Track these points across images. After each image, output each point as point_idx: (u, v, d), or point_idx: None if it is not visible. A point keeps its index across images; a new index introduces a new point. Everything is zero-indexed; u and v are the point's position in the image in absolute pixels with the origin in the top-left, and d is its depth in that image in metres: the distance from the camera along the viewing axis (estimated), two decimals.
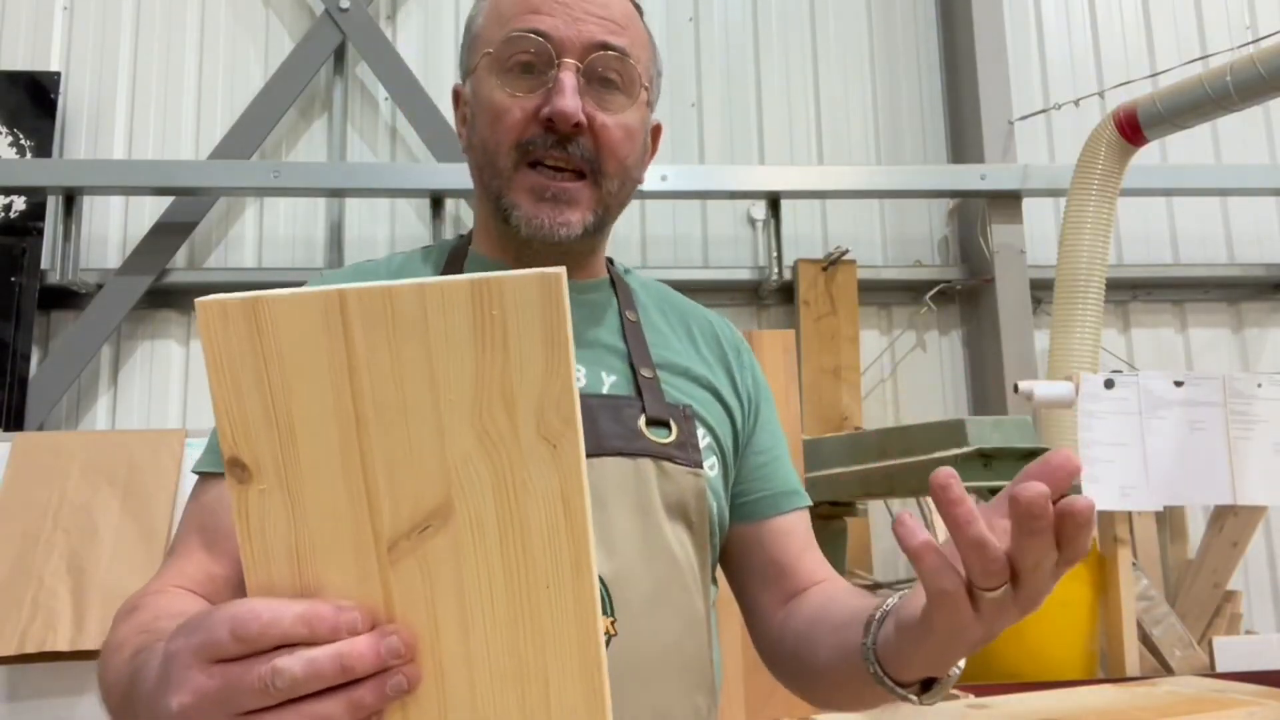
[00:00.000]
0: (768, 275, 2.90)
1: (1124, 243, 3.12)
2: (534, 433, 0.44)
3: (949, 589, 0.56)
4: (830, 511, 2.03)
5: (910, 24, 3.22)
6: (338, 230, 2.91)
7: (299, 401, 0.43)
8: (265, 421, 0.44)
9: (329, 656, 0.42)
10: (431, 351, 0.43)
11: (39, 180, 2.67)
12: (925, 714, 1.52)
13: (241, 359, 0.44)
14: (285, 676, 0.42)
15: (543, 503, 0.44)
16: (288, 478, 0.44)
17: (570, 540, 0.45)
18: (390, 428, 0.43)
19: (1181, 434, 2.01)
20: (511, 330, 0.42)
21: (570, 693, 0.46)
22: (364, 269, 0.92)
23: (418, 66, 2.96)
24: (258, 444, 0.44)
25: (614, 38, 0.82)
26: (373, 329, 0.42)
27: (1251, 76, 2.33)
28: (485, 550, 0.45)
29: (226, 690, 0.43)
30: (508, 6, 0.84)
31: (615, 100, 0.83)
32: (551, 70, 0.81)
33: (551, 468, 0.44)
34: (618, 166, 0.84)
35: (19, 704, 1.98)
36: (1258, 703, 1.45)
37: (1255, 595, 2.93)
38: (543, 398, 0.43)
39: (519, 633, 0.45)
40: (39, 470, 2.06)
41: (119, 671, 0.62)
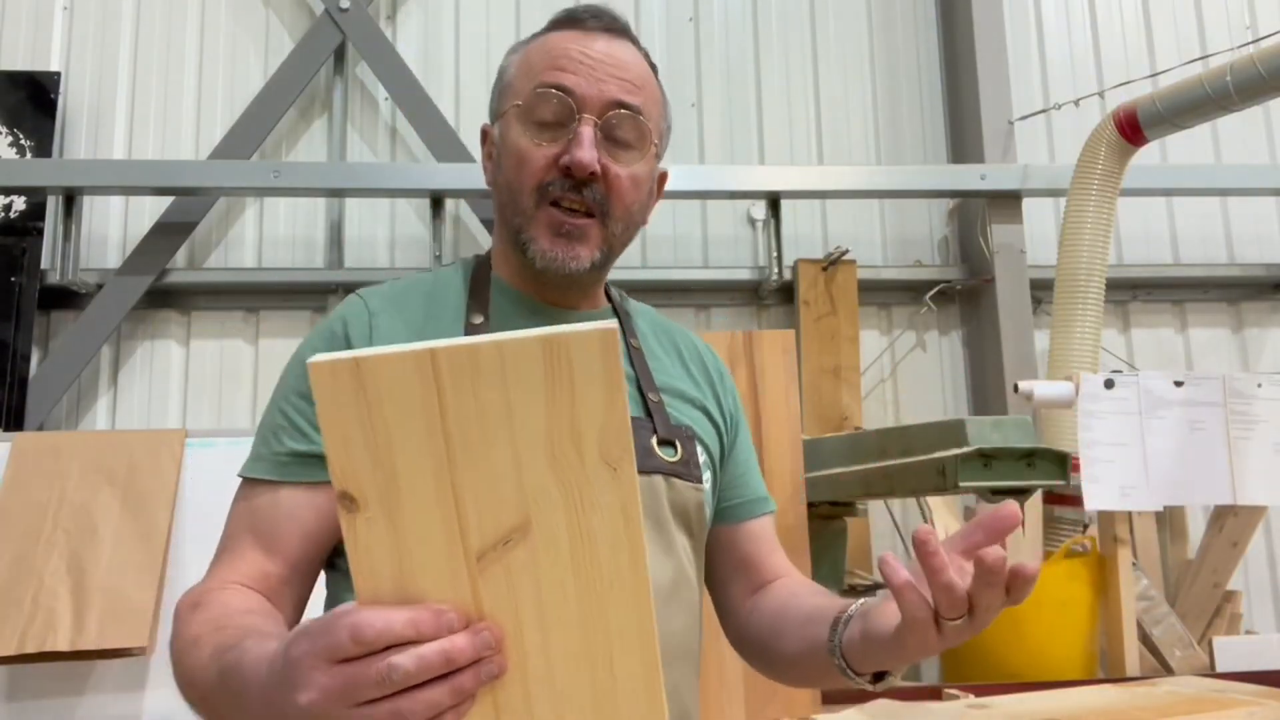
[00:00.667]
0: (768, 275, 2.90)
1: (1124, 243, 3.12)
2: (597, 459, 0.52)
3: (922, 618, 0.70)
4: (830, 511, 2.03)
5: (910, 24, 3.22)
6: (338, 230, 2.91)
7: (398, 442, 0.51)
8: (369, 460, 0.51)
9: (435, 652, 0.51)
10: (510, 396, 0.51)
11: (39, 180, 2.67)
12: (927, 714, 1.52)
13: (348, 409, 0.50)
14: (400, 671, 0.51)
15: (606, 516, 0.53)
16: (389, 506, 0.51)
17: (629, 546, 0.53)
18: (475, 460, 0.51)
19: (1181, 434, 2.01)
20: (577, 376, 0.51)
21: (632, 670, 0.55)
22: (399, 287, 0.99)
23: (418, 66, 2.96)
24: (363, 480, 0.51)
25: (630, 97, 0.92)
26: (459, 380, 0.50)
27: (1251, 76, 2.33)
28: (558, 557, 0.53)
29: (349, 686, 0.52)
30: (538, 61, 0.93)
31: (627, 154, 0.93)
32: (572, 123, 0.90)
33: (613, 487, 0.53)
34: (624, 211, 0.94)
35: (19, 704, 1.98)
36: (1258, 703, 1.45)
37: (1255, 595, 2.93)
38: (604, 430, 0.52)
39: (588, 624, 0.54)
40: (39, 470, 2.06)
41: (202, 668, 0.72)
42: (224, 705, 0.69)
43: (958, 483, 1.54)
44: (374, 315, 0.93)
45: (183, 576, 2.04)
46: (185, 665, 0.75)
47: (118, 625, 1.92)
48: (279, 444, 0.89)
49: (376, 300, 0.95)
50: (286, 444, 0.89)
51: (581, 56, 0.92)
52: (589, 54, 0.92)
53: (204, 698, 0.72)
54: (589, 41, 0.93)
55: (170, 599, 2.02)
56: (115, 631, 1.92)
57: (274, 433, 0.90)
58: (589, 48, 0.92)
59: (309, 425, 0.88)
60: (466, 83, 3.03)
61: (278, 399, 0.93)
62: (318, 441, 0.87)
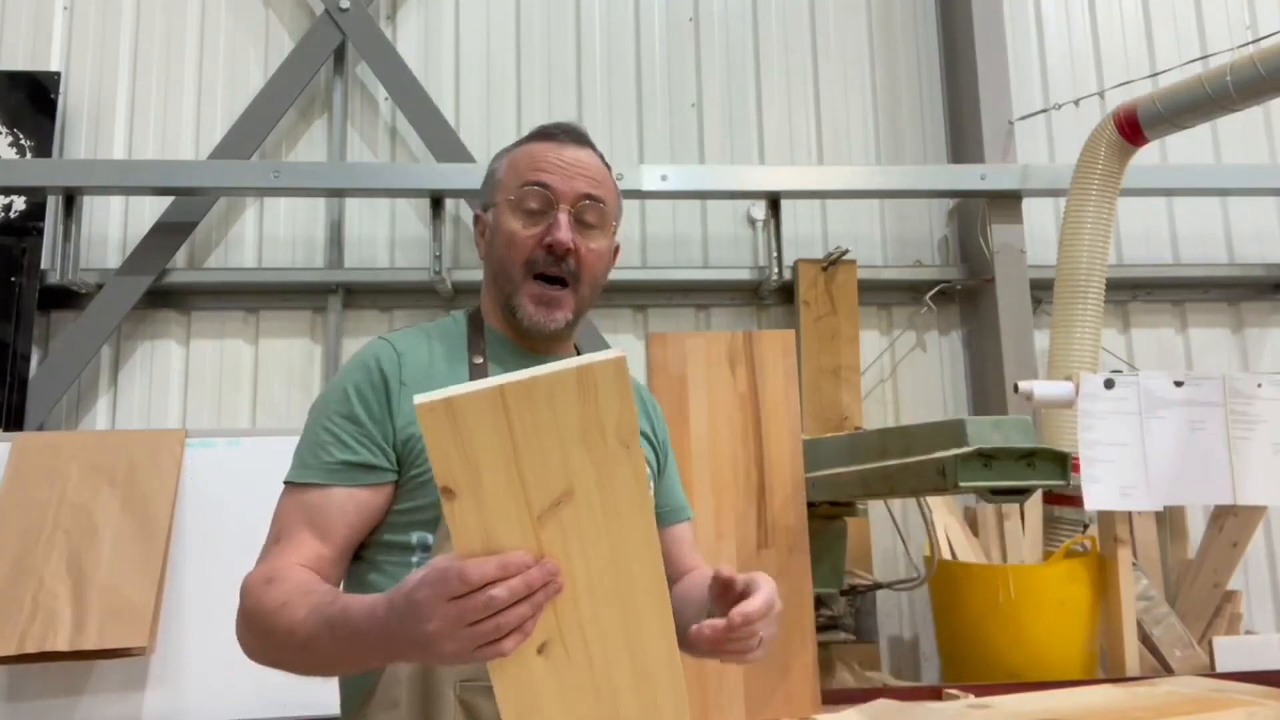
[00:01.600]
0: (768, 275, 2.90)
1: (1124, 243, 3.12)
2: (615, 441, 0.76)
3: (708, 655, 1.00)
4: (830, 511, 2.02)
5: (910, 24, 3.22)
6: (338, 230, 2.91)
7: (479, 449, 0.74)
8: (461, 464, 0.74)
9: (518, 581, 0.76)
10: (555, 408, 0.74)
11: (39, 180, 2.67)
12: (927, 714, 1.52)
13: (444, 432, 0.73)
14: (497, 599, 0.75)
15: (623, 479, 0.77)
16: (476, 492, 0.75)
17: (640, 497, 0.78)
18: (532, 452, 0.75)
19: (1181, 434, 2.01)
20: (600, 389, 0.74)
21: (643, 569, 0.80)
22: (411, 333, 1.23)
23: (418, 66, 2.96)
24: (458, 478, 0.74)
25: (595, 190, 1.20)
26: (520, 404, 0.73)
27: (1251, 76, 2.33)
28: (593, 514, 0.78)
29: (462, 613, 0.76)
30: (522, 165, 1.21)
31: (593, 233, 1.20)
32: (551, 211, 1.17)
33: (626, 459, 0.77)
34: (591, 279, 1.21)
35: (19, 704, 1.98)
36: (1258, 703, 1.45)
37: (1255, 595, 2.93)
38: (619, 422, 0.76)
39: (617, 565, 0.80)
40: (39, 470, 2.06)
41: (300, 622, 0.94)
42: (328, 648, 0.91)
43: (958, 483, 1.53)
44: (401, 354, 1.17)
45: (183, 576, 2.05)
46: (278, 622, 0.96)
47: (118, 625, 1.92)
48: (328, 455, 1.10)
49: (401, 343, 1.19)
50: (336, 455, 1.10)
51: (557, 160, 1.19)
52: (561, 159, 1.19)
53: (304, 645, 0.93)
54: (561, 150, 1.20)
55: (170, 599, 2.02)
56: (115, 631, 1.92)
57: (321, 447, 1.11)
58: (561, 155, 1.20)
59: (353, 440, 1.11)
60: (466, 83, 3.03)
61: (320, 419, 1.13)
62: (360, 451, 1.10)
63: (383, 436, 1.11)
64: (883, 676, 2.45)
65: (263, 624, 0.99)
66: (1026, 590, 2.08)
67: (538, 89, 3.05)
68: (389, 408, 1.12)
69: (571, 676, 0.81)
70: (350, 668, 0.97)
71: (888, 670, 2.75)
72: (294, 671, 0.99)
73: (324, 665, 0.96)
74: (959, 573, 2.20)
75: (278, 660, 1.00)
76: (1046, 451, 1.57)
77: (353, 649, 0.90)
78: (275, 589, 1.00)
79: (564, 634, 0.80)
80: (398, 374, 1.14)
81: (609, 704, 0.83)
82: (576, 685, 0.82)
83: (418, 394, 0.74)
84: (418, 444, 1.10)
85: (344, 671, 0.98)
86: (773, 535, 1.84)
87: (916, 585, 2.17)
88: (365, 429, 1.11)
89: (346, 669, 0.98)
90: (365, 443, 1.10)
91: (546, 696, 0.81)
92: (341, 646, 0.90)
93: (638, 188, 2.78)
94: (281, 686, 0.87)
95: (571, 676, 0.81)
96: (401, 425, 1.12)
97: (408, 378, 1.14)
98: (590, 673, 0.82)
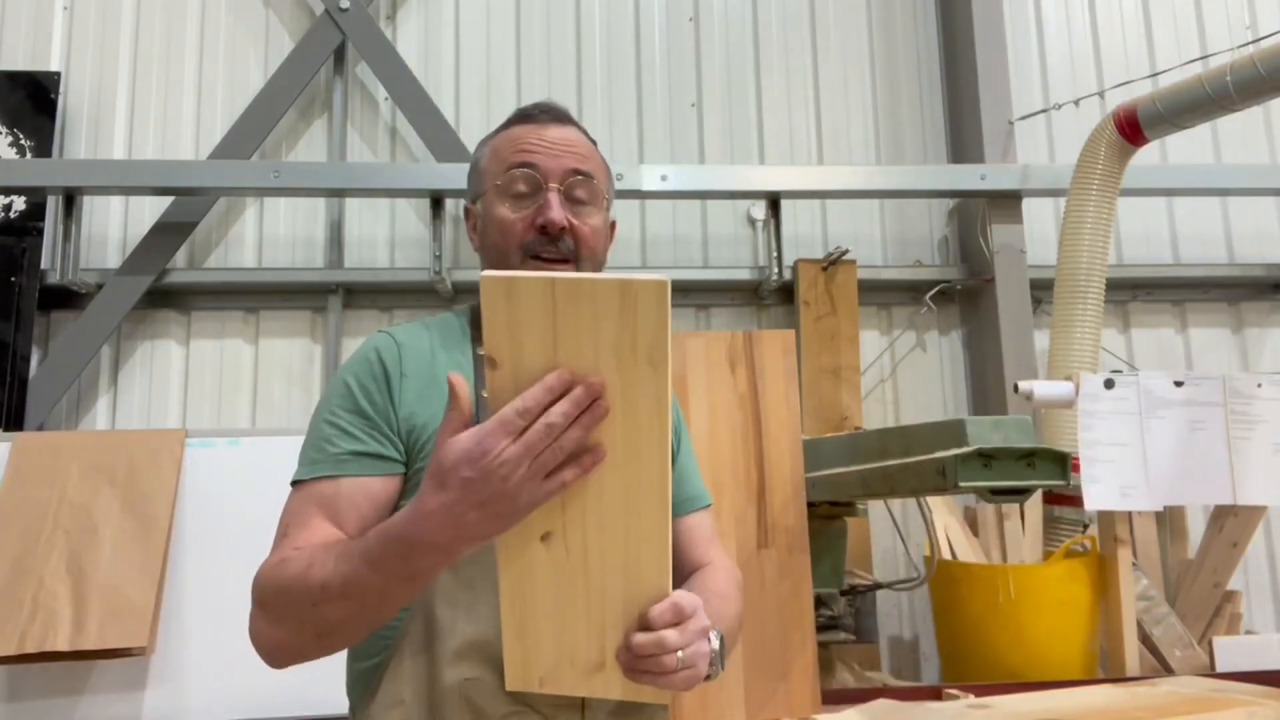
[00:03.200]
0: (768, 275, 2.90)
1: (1124, 243, 3.12)
2: (645, 360, 0.78)
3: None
4: (830, 511, 2.02)
5: (910, 24, 3.22)
6: (338, 230, 2.91)
7: (525, 330, 0.78)
8: (508, 339, 0.78)
9: (568, 402, 0.78)
10: (596, 313, 0.77)
11: (39, 180, 2.67)
12: (927, 714, 1.52)
13: (499, 306, 0.77)
14: (554, 423, 0.77)
15: (646, 398, 0.80)
16: (515, 367, 0.79)
17: (658, 418, 0.80)
18: (570, 347, 0.78)
19: (1181, 434, 2.01)
20: (640, 308, 0.77)
21: (650, 494, 0.83)
22: (412, 328, 1.21)
23: (418, 66, 2.96)
24: (502, 350, 0.78)
25: (583, 165, 1.16)
26: (567, 298, 0.76)
27: (1251, 76, 2.33)
28: (613, 417, 0.80)
29: (529, 444, 0.78)
30: (504, 150, 1.18)
31: (586, 209, 1.16)
32: (541, 192, 1.14)
33: (652, 380, 0.79)
34: (590, 256, 1.17)
35: (19, 704, 1.98)
36: (1258, 703, 1.45)
37: (1255, 595, 2.93)
38: (652, 344, 0.78)
39: (627, 484, 0.83)
40: (39, 470, 2.06)
41: (332, 573, 0.91)
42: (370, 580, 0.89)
43: (958, 483, 1.53)
44: (401, 346, 1.15)
45: (183, 576, 2.05)
46: (307, 586, 0.93)
47: (118, 625, 1.92)
48: (335, 447, 1.08)
49: (401, 335, 1.18)
50: (343, 446, 1.08)
51: (540, 141, 1.16)
52: (545, 138, 1.17)
53: (344, 592, 0.90)
54: (543, 130, 1.18)
55: (170, 599, 2.02)
56: (115, 631, 1.92)
57: (327, 440, 1.09)
58: (544, 134, 1.17)
59: (359, 431, 1.09)
60: (466, 83, 3.03)
61: (324, 416, 1.11)
62: (368, 442, 1.08)
63: (388, 426, 1.09)
64: (883, 676, 2.45)
65: (287, 601, 0.96)
66: (1026, 590, 2.08)
67: (538, 89, 3.05)
68: (391, 398, 1.10)
69: (566, 573, 0.86)
70: (401, 594, 0.91)
71: (888, 670, 2.75)
72: (331, 645, 0.96)
73: (371, 607, 0.92)
74: (959, 573, 2.20)
75: (311, 638, 0.96)
76: (1046, 451, 1.57)
77: (401, 563, 0.87)
78: (293, 563, 0.97)
79: (567, 530, 0.85)
80: (398, 365, 1.13)
81: (595, 610, 0.88)
82: (568, 583, 0.87)
83: (486, 271, 0.77)
84: (422, 434, 1.09)
85: (393, 606, 0.93)
86: (773, 535, 1.84)
87: (916, 585, 2.17)
88: (370, 420, 1.09)
89: (397, 598, 0.92)
90: (372, 433, 1.08)
91: (539, 584, 0.87)
92: (389, 568, 0.88)
93: (638, 188, 2.78)
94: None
95: (566, 573, 0.86)
96: (405, 415, 1.10)
97: (409, 369, 1.13)
98: (584, 577, 0.86)
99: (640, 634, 0.87)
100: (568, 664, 0.91)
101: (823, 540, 1.99)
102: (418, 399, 1.11)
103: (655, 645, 0.87)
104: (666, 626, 0.87)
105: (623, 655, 0.89)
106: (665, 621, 0.87)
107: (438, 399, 1.11)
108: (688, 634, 0.88)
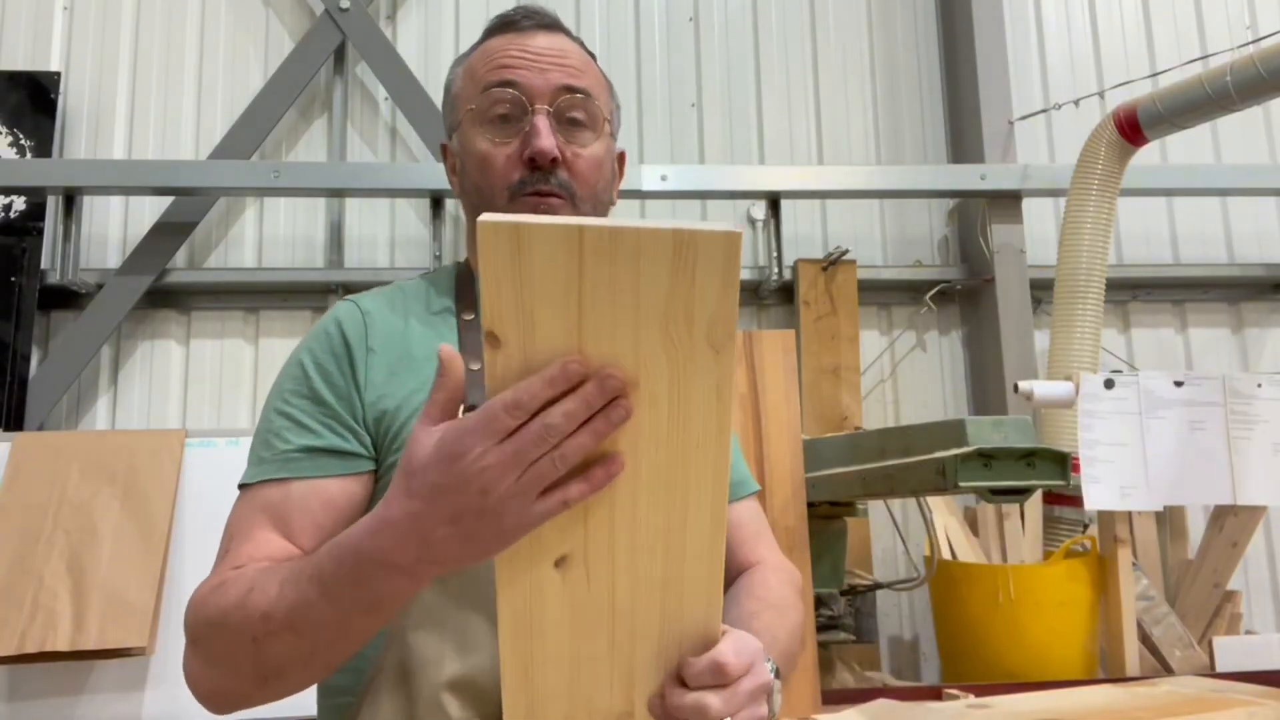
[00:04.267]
0: (768, 275, 2.90)
1: (1124, 243, 3.12)
2: (704, 340, 0.59)
3: None
4: (830, 511, 2.02)
5: (910, 24, 3.22)
6: (338, 230, 2.91)
7: (540, 298, 0.58)
8: (515, 310, 0.58)
9: (575, 400, 0.58)
10: (639, 275, 0.57)
11: (39, 180, 2.67)
12: (927, 714, 1.52)
13: (504, 263, 0.57)
14: (553, 425, 0.58)
15: (702, 389, 0.61)
16: (525, 348, 0.59)
17: (717, 418, 0.61)
18: (601, 323, 0.59)
19: (1181, 434, 2.01)
20: (699, 269, 0.57)
21: (701, 523, 0.64)
22: (387, 291, 1.03)
23: (418, 66, 2.96)
24: (507, 324, 0.59)
25: (576, 81, 0.95)
26: (599, 255, 0.56)
27: (1251, 76, 2.33)
28: (657, 415, 0.61)
29: (519, 451, 0.59)
30: (480, 66, 0.98)
31: (583, 135, 0.96)
32: (526, 116, 0.93)
33: (713, 367, 0.60)
34: (590, 192, 0.96)
35: (19, 704, 1.98)
36: (1258, 703, 1.45)
37: (1255, 595, 2.93)
38: (714, 317, 0.58)
39: (671, 496, 0.64)
40: (39, 470, 2.06)
41: (275, 600, 0.73)
42: (322, 609, 0.71)
43: (958, 483, 1.53)
44: (367, 314, 0.96)
45: (183, 576, 2.04)
46: (245, 617, 0.75)
47: (118, 625, 1.92)
48: (284, 443, 0.89)
49: (367, 301, 0.99)
50: (293, 441, 0.89)
51: (522, 53, 0.96)
52: (529, 50, 0.96)
53: (289, 623, 0.72)
54: (527, 39, 0.97)
55: (170, 599, 2.02)
56: (115, 631, 1.92)
57: (276, 434, 0.91)
58: (528, 45, 0.96)
59: (314, 421, 0.90)
60: None
61: (274, 404, 0.93)
62: (324, 435, 0.89)
63: (350, 415, 0.90)
64: (883, 676, 2.45)
65: (222, 636, 0.77)
66: (1026, 590, 2.08)
67: None
68: (355, 379, 0.91)
69: (587, 605, 0.67)
70: (361, 626, 0.72)
71: (888, 670, 2.75)
72: (279, 689, 0.77)
73: (325, 643, 0.73)
74: (959, 573, 2.20)
75: (252, 682, 0.76)
76: (1046, 451, 1.57)
77: (357, 588, 0.68)
78: (230, 588, 0.78)
79: (589, 552, 0.65)
80: (363, 338, 0.93)
81: (622, 651, 0.68)
82: (590, 618, 0.67)
83: (485, 215, 0.56)
84: (394, 421, 0.90)
85: (352, 641, 0.73)
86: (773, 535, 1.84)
87: (916, 585, 2.17)
88: (328, 407, 0.90)
89: (357, 632, 0.73)
90: (330, 423, 0.89)
91: (551, 618, 0.67)
92: (343, 594, 0.69)
93: (638, 188, 2.78)
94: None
95: (587, 605, 0.67)
96: (372, 400, 0.90)
97: (376, 341, 0.93)
98: (610, 611, 0.67)
99: (679, 691, 0.68)
100: (583, 713, 0.71)
101: (823, 540, 1.98)
102: (388, 378, 0.92)
103: (693, 710, 0.67)
104: (705, 689, 0.67)
105: (656, 708, 0.69)
106: (703, 684, 0.67)
107: (414, 377, 0.92)
108: (737, 698, 0.68)
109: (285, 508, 0.87)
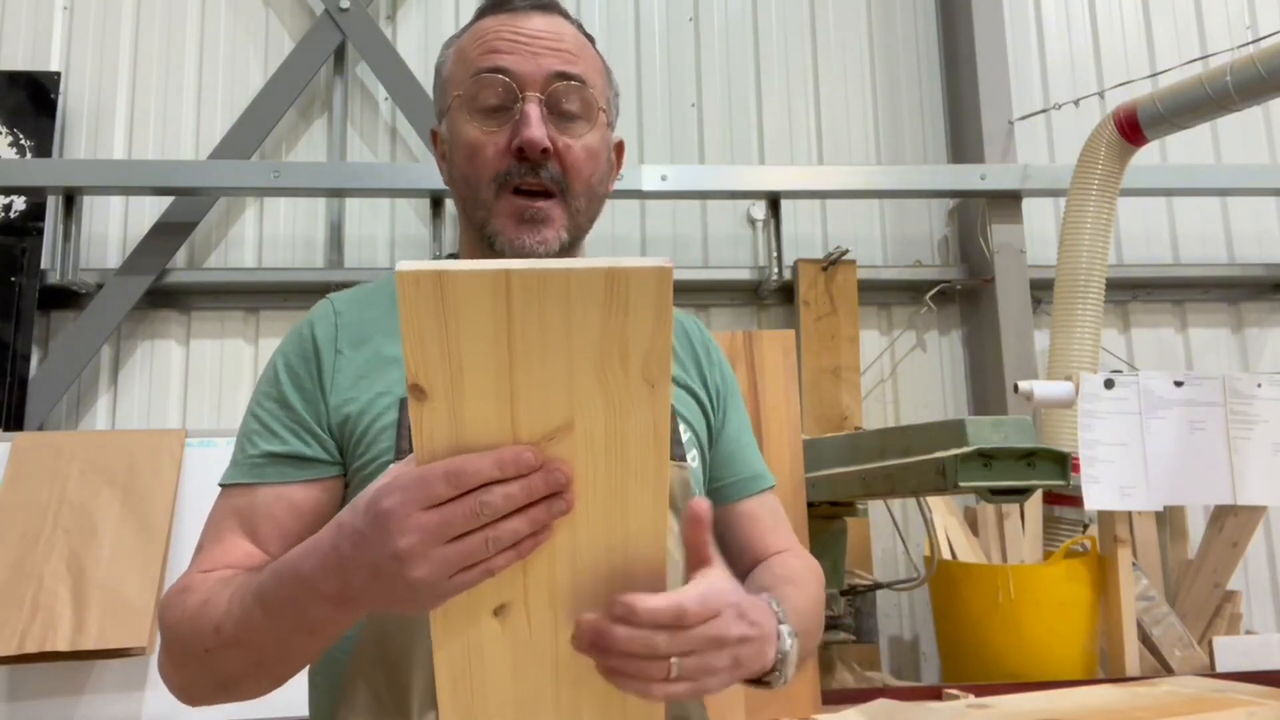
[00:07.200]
0: (768, 275, 2.90)
1: (1124, 243, 3.12)
2: (639, 376, 0.58)
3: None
4: (830, 511, 2.02)
5: (910, 24, 3.22)
6: (338, 230, 2.91)
7: (466, 346, 0.56)
8: (440, 359, 0.57)
9: (518, 487, 0.58)
10: (570, 316, 0.56)
11: (39, 180, 2.67)
12: (927, 714, 1.52)
13: (426, 313, 0.55)
14: (490, 505, 0.57)
15: (639, 425, 0.60)
16: (453, 399, 0.58)
17: (655, 452, 0.61)
18: (533, 367, 0.58)
19: (1181, 434, 2.01)
20: (632, 304, 0.56)
21: (643, 554, 0.64)
22: (367, 289, 1.00)
23: (418, 66, 2.95)
24: (433, 375, 0.57)
25: (570, 67, 0.91)
26: (528, 298, 0.55)
27: (1251, 76, 2.33)
28: (594, 454, 0.60)
29: (445, 523, 0.57)
30: (470, 50, 0.93)
31: (577, 125, 0.91)
32: (517, 104, 0.89)
33: (649, 402, 0.59)
34: (583, 185, 0.92)
35: (19, 704, 1.98)
36: (1258, 703, 1.45)
37: (1255, 595, 2.93)
38: (649, 353, 0.58)
39: (611, 536, 0.63)
40: (39, 470, 2.06)
41: (225, 610, 0.74)
42: (263, 625, 0.71)
43: (958, 483, 1.53)
44: (339, 314, 0.95)
45: None
46: (200, 628, 0.76)
47: (118, 625, 1.92)
48: (252, 447, 0.90)
49: (342, 301, 0.97)
50: (260, 446, 0.89)
51: (514, 36, 0.91)
52: (521, 33, 0.91)
53: (236, 638, 0.74)
54: (520, 21, 0.92)
55: None
56: (115, 631, 1.92)
57: (247, 438, 0.91)
58: (520, 27, 0.92)
59: (280, 426, 0.90)
60: None
61: (251, 405, 0.94)
62: (289, 440, 0.89)
63: (315, 420, 0.89)
64: (883, 676, 2.45)
65: (182, 642, 0.79)
66: (1026, 590, 2.08)
67: None
68: (321, 383, 0.90)
69: (529, 650, 0.66)
70: (302, 647, 0.72)
71: (888, 670, 2.75)
72: (237, 695, 0.78)
73: (271, 659, 0.74)
74: (959, 573, 2.20)
75: (210, 687, 0.79)
76: (1046, 451, 1.57)
77: (292, 607, 0.68)
78: (192, 595, 0.80)
79: (529, 600, 0.64)
80: (332, 339, 0.92)
81: (567, 698, 0.67)
82: (533, 662, 0.66)
83: (403, 264, 0.54)
84: (357, 426, 0.88)
85: (295, 660, 0.74)
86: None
87: (916, 585, 2.17)
88: (293, 411, 0.89)
89: (298, 652, 0.73)
90: (294, 428, 0.89)
91: (491, 668, 0.66)
92: (281, 611, 0.69)
93: (638, 188, 2.78)
94: (282, 686, 0.78)
95: (529, 650, 0.66)
96: (336, 404, 0.89)
97: (346, 343, 0.92)
98: (554, 651, 0.66)
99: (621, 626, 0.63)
100: None
101: (823, 540, 1.98)
102: (355, 381, 0.90)
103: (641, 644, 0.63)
104: (658, 628, 0.63)
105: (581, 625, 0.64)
106: (656, 622, 0.62)
107: (381, 380, 0.90)
108: (692, 640, 0.64)
109: (252, 514, 0.87)
